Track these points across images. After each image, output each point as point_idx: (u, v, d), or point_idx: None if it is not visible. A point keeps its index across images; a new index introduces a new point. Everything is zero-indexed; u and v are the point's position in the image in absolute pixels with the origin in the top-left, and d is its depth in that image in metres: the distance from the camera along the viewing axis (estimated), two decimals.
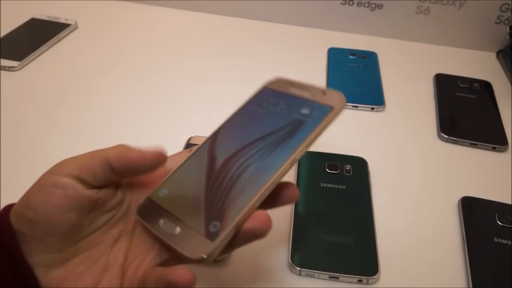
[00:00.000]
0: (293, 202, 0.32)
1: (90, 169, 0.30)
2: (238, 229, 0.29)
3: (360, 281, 0.38)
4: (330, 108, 0.32)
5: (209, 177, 0.32)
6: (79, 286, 0.29)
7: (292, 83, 0.36)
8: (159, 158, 0.31)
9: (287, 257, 0.39)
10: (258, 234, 0.29)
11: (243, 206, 0.29)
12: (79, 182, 0.29)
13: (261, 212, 0.29)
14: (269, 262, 0.39)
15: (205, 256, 0.28)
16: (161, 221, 0.30)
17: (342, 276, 0.38)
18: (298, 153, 0.31)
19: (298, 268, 0.38)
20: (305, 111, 0.33)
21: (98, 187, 0.30)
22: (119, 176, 0.31)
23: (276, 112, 0.34)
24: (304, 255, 0.39)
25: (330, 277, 0.38)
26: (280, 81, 0.36)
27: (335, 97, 0.33)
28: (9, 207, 0.30)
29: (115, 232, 0.32)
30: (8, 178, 0.46)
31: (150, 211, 0.31)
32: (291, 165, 0.30)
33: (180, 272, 0.27)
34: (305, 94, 0.34)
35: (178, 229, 0.30)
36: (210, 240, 0.28)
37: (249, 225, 0.29)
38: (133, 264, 0.30)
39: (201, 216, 0.30)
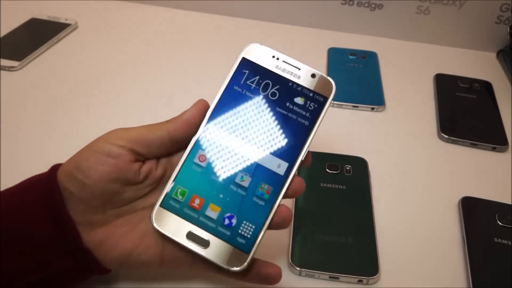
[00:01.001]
0: (300, 194, 0.32)
1: (146, 143, 0.31)
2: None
3: (360, 281, 0.38)
4: (325, 98, 0.31)
5: (225, 182, 0.30)
6: (120, 246, 0.30)
7: (275, 56, 0.32)
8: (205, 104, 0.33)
9: (287, 257, 0.39)
10: (281, 227, 0.31)
11: (269, 211, 0.29)
12: (132, 154, 0.31)
13: (284, 208, 0.31)
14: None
15: (243, 267, 0.28)
16: (187, 234, 0.29)
17: (342, 276, 0.38)
18: (304, 154, 0.31)
19: (298, 268, 0.38)
20: (299, 101, 0.31)
21: (145, 159, 0.32)
22: (181, 145, 0.32)
23: (268, 99, 0.32)
24: (304, 255, 0.39)
25: (330, 277, 0.38)
26: (261, 51, 0.33)
27: (326, 84, 0.32)
28: (56, 167, 0.31)
29: (153, 201, 0.32)
30: (8, 178, 0.45)
31: (169, 222, 0.30)
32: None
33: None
34: (292, 77, 0.32)
35: (207, 241, 0.29)
36: (244, 252, 0.28)
37: (274, 221, 0.30)
38: None
39: (229, 228, 0.29)
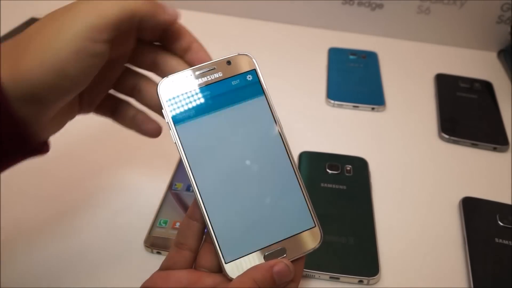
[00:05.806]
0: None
1: None
2: None
3: (361, 281, 0.38)
4: (253, 70, 0.31)
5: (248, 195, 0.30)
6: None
7: (191, 74, 0.30)
8: None
9: None
10: None
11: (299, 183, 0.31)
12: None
13: None
14: None
15: (321, 238, 0.31)
16: (265, 259, 0.29)
17: (343, 277, 0.38)
18: (281, 127, 0.31)
19: None
20: (241, 93, 0.30)
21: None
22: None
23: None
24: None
25: (330, 277, 0.38)
26: (174, 80, 0.30)
27: (244, 61, 0.31)
28: None
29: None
30: (8, 178, 0.45)
31: (246, 265, 0.29)
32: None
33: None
34: (217, 78, 0.30)
35: (283, 249, 0.30)
36: (311, 228, 0.32)
37: None
38: None
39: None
